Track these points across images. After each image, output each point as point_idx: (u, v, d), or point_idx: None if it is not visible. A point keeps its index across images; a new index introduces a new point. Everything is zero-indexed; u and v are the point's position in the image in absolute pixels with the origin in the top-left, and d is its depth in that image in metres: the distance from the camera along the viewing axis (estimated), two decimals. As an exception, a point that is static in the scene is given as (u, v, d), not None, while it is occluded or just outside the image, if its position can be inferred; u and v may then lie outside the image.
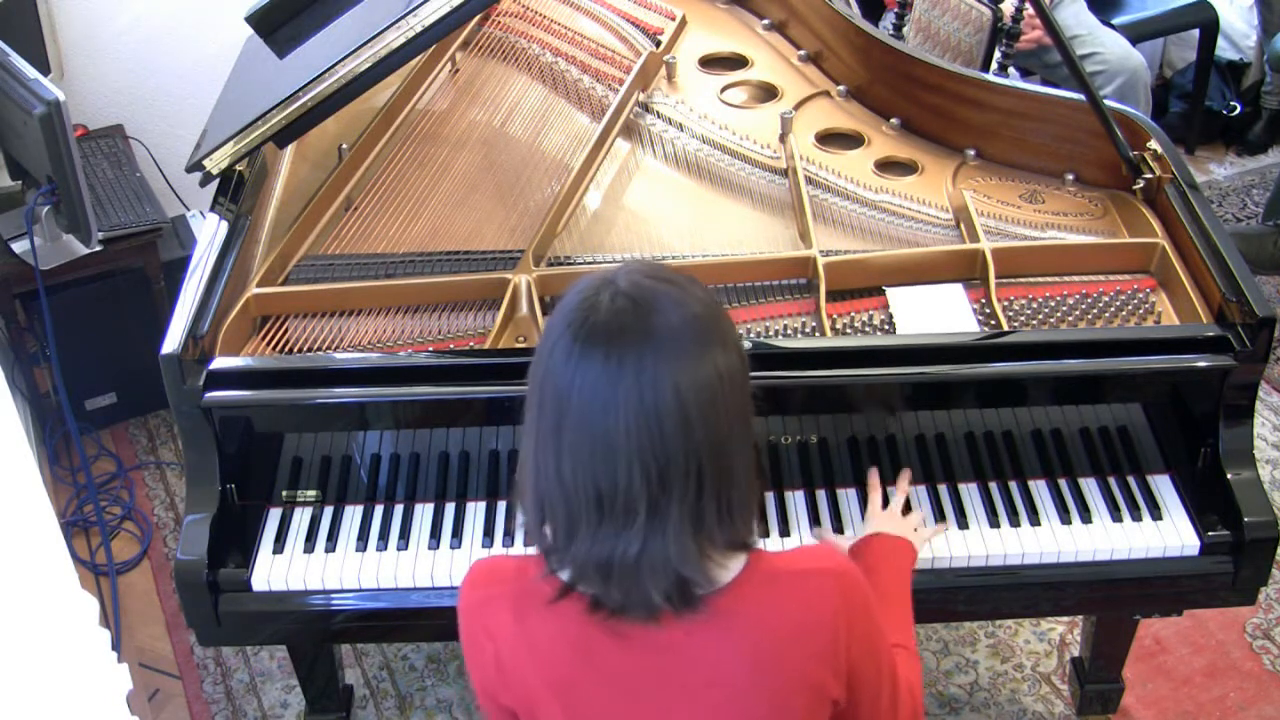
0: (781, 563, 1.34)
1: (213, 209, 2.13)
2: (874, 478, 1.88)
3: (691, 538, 1.24)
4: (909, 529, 1.79)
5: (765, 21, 2.70)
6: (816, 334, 1.98)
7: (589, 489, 1.22)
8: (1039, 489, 1.95)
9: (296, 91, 2.01)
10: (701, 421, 1.21)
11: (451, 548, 1.90)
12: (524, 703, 1.35)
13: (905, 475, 1.89)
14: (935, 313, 2.01)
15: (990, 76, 2.53)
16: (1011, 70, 3.18)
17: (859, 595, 1.35)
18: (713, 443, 1.22)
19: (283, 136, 2.07)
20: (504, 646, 1.34)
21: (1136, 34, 3.70)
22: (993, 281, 2.03)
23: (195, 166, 2.07)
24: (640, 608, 1.27)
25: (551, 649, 1.32)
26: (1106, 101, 2.12)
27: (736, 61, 2.59)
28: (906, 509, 1.86)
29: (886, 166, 2.32)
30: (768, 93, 2.49)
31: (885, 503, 1.86)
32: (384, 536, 1.91)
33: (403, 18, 1.98)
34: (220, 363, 1.87)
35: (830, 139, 2.38)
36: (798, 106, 2.43)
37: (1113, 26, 3.68)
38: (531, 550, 1.34)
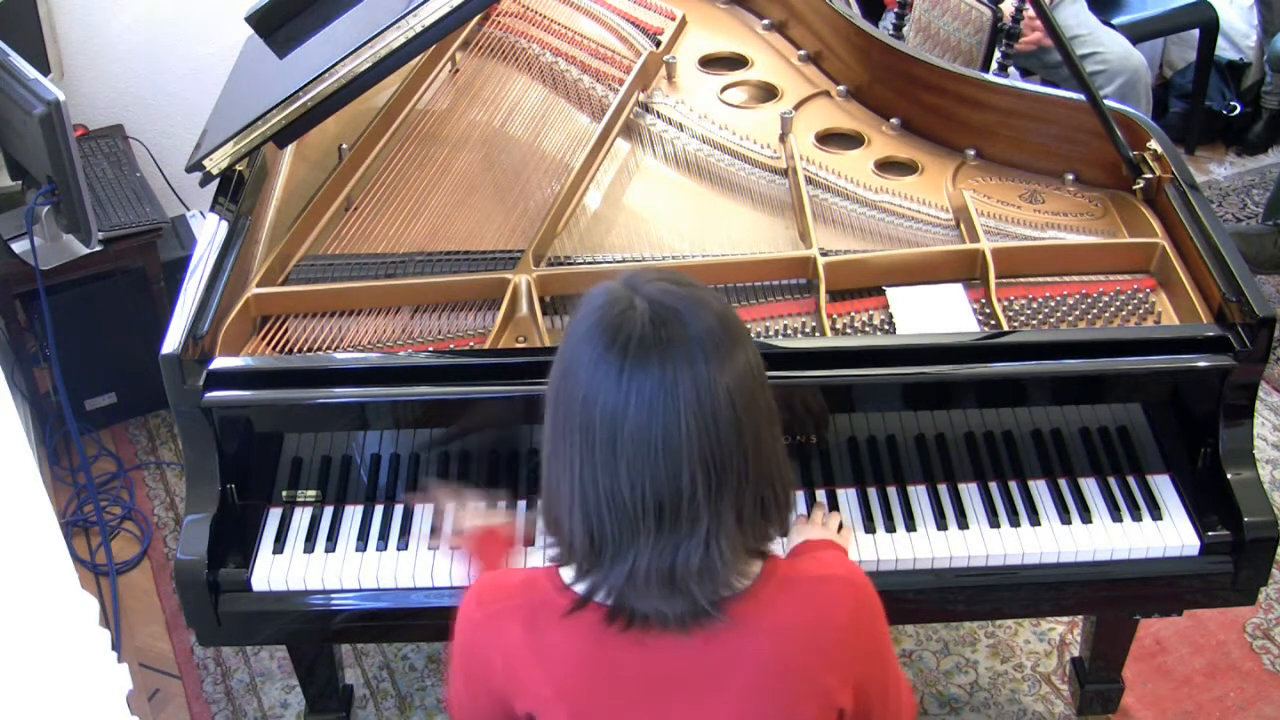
0: (797, 569, 1.35)
1: (213, 209, 2.13)
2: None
3: (738, 538, 1.26)
4: (832, 534, 1.80)
5: (765, 21, 2.70)
6: (816, 334, 1.98)
7: (651, 500, 1.22)
8: (1039, 489, 1.95)
9: (296, 91, 2.01)
10: (748, 419, 1.24)
11: (452, 548, 1.90)
12: (540, 709, 1.35)
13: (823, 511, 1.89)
14: (935, 313, 2.01)
15: (990, 76, 2.53)
16: (1011, 70, 3.18)
17: (872, 603, 1.36)
18: (756, 439, 1.25)
19: (283, 136, 2.07)
20: (516, 658, 1.34)
21: (1136, 34, 3.70)
22: (993, 281, 2.03)
23: (195, 166, 2.07)
24: (687, 616, 1.27)
25: (563, 660, 1.33)
26: (1107, 101, 2.12)
27: (736, 61, 2.59)
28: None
29: (886, 166, 2.32)
30: (768, 93, 2.49)
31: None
32: (384, 536, 1.91)
33: (403, 18, 1.98)
34: (220, 363, 1.87)
35: (830, 139, 2.38)
36: (798, 106, 2.43)
37: (1113, 26, 3.68)
38: (535, 560, 1.35)
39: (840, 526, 1.84)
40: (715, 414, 1.21)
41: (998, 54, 3.07)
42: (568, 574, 1.34)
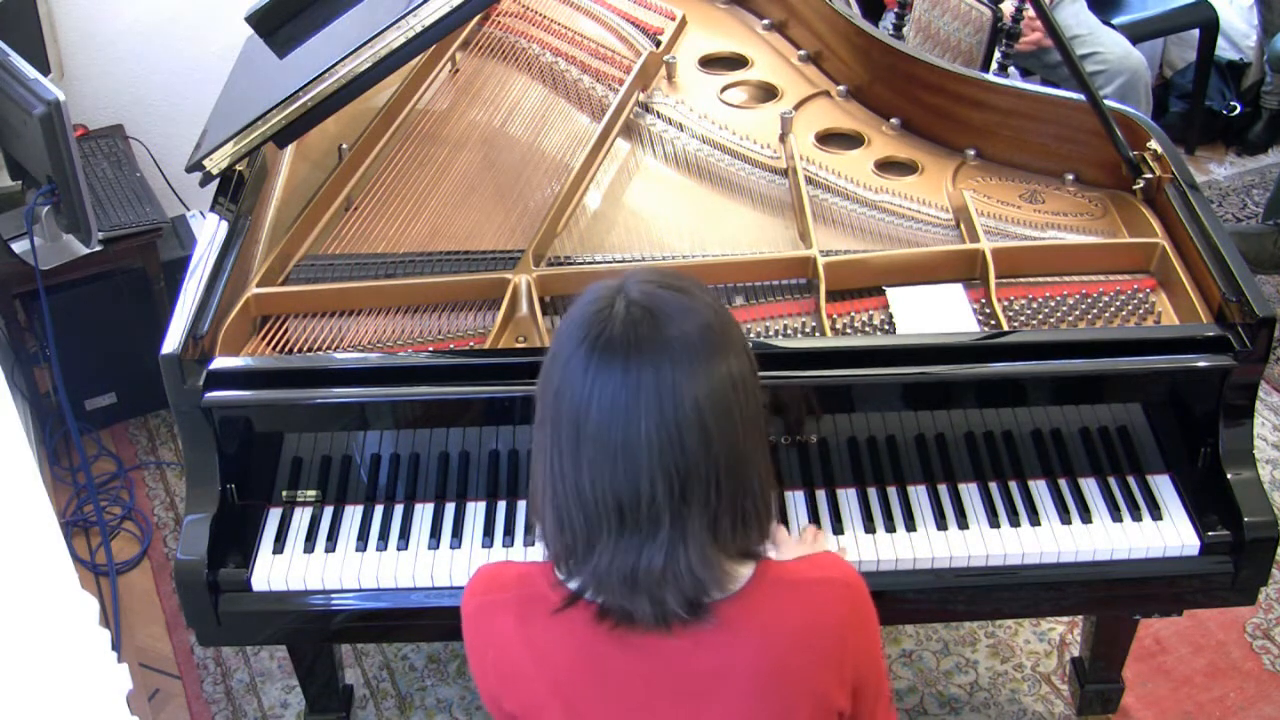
0: (789, 572, 1.35)
1: (213, 209, 2.13)
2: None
3: (711, 545, 1.25)
4: (820, 548, 1.79)
5: (765, 21, 2.70)
6: (816, 334, 1.98)
7: (610, 500, 1.22)
8: (1039, 489, 1.95)
9: (296, 91, 2.01)
10: (719, 431, 1.22)
11: (451, 548, 1.90)
12: (527, 708, 1.35)
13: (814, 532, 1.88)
14: (935, 313, 2.01)
15: (990, 76, 2.53)
16: (1011, 70, 3.18)
17: (864, 606, 1.36)
18: (730, 451, 1.23)
19: (283, 136, 2.07)
20: (506, 652, 1.34)
21: (1136, 34, 3.70)
22: (993, 281, 2.03)
23: (195, 166, 2.07)
24: (657, 617, 1.27)
25: (556, 656, 1.33)
26: (1107, 101, 2.12)
27: (736, 61, 2.59)
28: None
29: (886, 166, 2.32)
30: (768, 93, 2.49)
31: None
32: (384, 536, 1.91)
33: (403, 18, 1.98)
34: (220, 363, 1.87)
35: (830, 139, 2.38)
36: (798, 106, 2.43)
37: (1113, 26, 3.68)
38: (535, 557, 1.35)
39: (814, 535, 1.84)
40: (679, 422, 1.19)
41: (998, 54, 3.07)
42: (562, 570, 1.34)
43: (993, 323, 1.98)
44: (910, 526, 1.90)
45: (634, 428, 1.19)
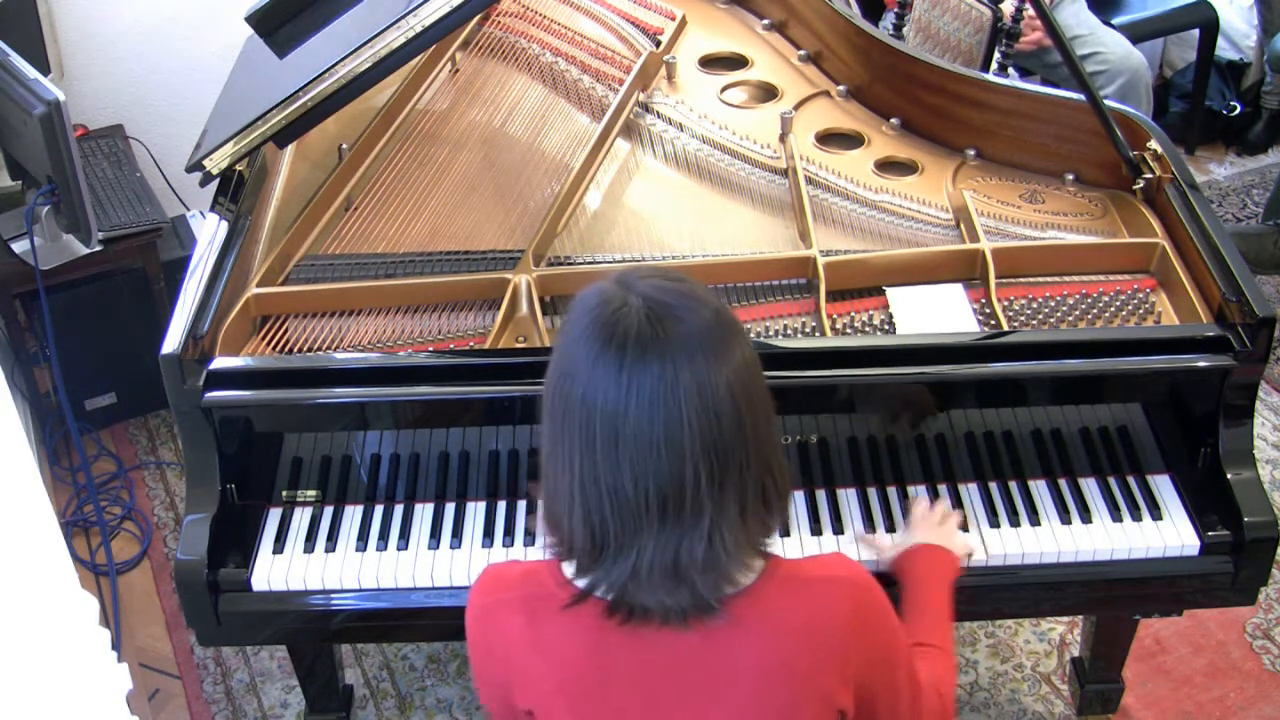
0: (798, 569, 1.35)
1: (213, 209, 2.13)
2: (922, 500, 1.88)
3: (740, 529, 1.27)
4: (948, 536, 1.80)
5: (765, 21, 2.70)
6: (816, 334, 1.98)
7: (654, 494, 1.23)
8: (1039, 489, 1.95)
9: (296, 91, 2.01)
10: (748, 411, 1.25)
11: (451, 548, 1.90)
12: (538, 706, 1.36)
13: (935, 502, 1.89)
14: (935, 313, 2.01)
15: (990, 76, 2.53)
16: (1011, 70, 3.18)
17: (873, 604, 1.36)
18: (756, 429, 1.26)
19: (283, 136, 2.07)
20: (515, 650, 1.35)
21: (1136, 34, 3.70)
22: (993, 281, 2.03)
23: (195, 166, 2.07)
24: (687, 609, 1.28)
25: (563, 653, 1.33)
26: (1107, 101, 2.12)
27: (736, 61, 2.59)
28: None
29: (886, 166, 2.32)
30: (768, 93, 2.49)
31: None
32: (384, 536, 1.91)
33: (403, 18, 1.98)
34: (220, 363, 1.87)
35: (830, 139, 2.38)
36: (798, 106, 2.43)
37: (1113, 26, 3.68)
38: (536, 555, 1.35)
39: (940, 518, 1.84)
40: (717, 408, 1.22)
41: (998, 54, 3.07)
42: (569, 568, 1.34)
43: (993, 323, 1.98)
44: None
45: (675, 422, 1.21)
